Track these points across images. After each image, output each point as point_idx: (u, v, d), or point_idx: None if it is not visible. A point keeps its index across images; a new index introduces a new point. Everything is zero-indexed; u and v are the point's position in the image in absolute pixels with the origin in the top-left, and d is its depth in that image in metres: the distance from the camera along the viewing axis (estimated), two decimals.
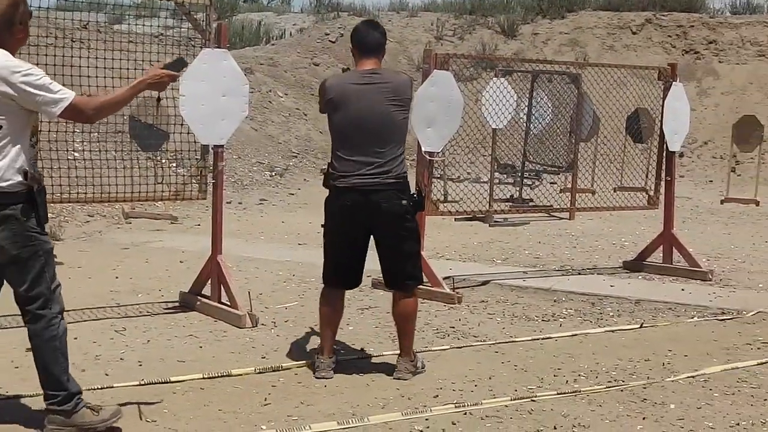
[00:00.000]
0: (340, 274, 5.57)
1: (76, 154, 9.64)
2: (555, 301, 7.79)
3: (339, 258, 5.52)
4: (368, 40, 5.49)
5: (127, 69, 7.21)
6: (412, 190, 5.51)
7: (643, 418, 4.86)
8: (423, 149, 7.63)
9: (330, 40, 21.44)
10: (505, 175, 15.73)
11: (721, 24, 21.23)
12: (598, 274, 9.03)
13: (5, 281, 4.44)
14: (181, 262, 8.95)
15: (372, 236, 5.46)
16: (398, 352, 5.58)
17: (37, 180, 4.36)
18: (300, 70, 20.02)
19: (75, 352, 5.78)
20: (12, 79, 4.16)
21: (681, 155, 17.99)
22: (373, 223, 5.38)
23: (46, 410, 4.38)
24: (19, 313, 4.37)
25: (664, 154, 9.19)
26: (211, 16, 7.12)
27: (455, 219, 11.81)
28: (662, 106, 9.07)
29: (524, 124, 14.53)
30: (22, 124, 4.29)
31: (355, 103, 5.32)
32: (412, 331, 5.56)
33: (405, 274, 5.48)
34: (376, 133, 5.30)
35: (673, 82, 9.04)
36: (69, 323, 6.44)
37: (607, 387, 5.36)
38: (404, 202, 5.37)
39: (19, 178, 4.26)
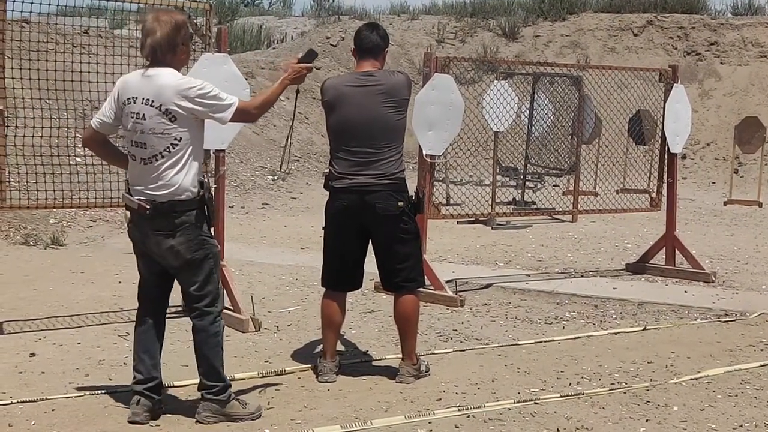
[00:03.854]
0: (339, 275, 5.57)
1: (78, 159, 9.65)
2: (558, 303, 7.79)
3: (337, 259, 5.53)
4: (365, 41, 5.51)
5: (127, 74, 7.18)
6: (411, 192, 5.51)
7: (646, 420, 4.86)
8: (424, 152, 7.64)
9: (331, 44, 21.45)
10: (507, 178, 15.73)
11: (722, 25, 21.21)
12: (600, 276, 9.03)
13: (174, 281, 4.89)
14: None
15: (369, 237, 5.46)
16: (401, 355, 5.58)
17: (208, 188, 4.75)
18: None
19: (78, 356, 5.83)
20: (190, 94, 4.54)
21: (683, 157, 18.00)
22: (369, 224, 5.38)
23: (201, 398, 4.73)
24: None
25: (666, 156, 9.19)
26: (211, 20, 7.13)
27: (457, 222, 11.81)
28: (663, 108, 9.07)
29: (526, 127, 14.52)
30: (198, 136, 4.65)
31: (349, 106, 5.34)
32: (413, 333, 5.55)
33: (400, 276, 5.47)
34: (370, 134, 5.32)
35: (674, 84, 9.04)
36: (72, 328, 6.51)
37: (610, 389, 5.36)
38: (400, 203, 5.37)
39: (196, 187, 4.62)
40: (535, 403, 5.08)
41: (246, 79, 6.90)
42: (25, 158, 7.87)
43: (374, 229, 5.42)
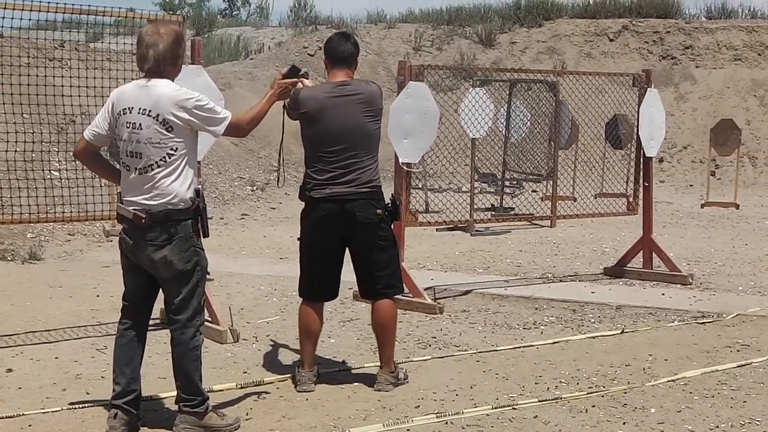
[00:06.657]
0: (317, 286, 5.57)
1: (54, 173, 9.62)
2: (536, 308, 7.82)
3: (315, 269, 5.53)
4: (339, 50, 5.53)
5: (103, 87, 7.18)
6: (387, 199, 5.53)
7: (624, 423, 4.89)
8: (400, 161, 7.65)
9: (308, 53, 21.47)
10: (485, 185, 15.76)
11: (697, 29, 21.39)
12: (579, 280, 9.06)
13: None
14: None
15: (347, 246, 5.47)
16: (379, 363, 5.59)
17: (203, 198, 4.74)
18: None
19: (56, 371, 5.80)
20: (188, 105, 4.57)
21: (660, 160, 18.14)
22: (349, 233, 5.40)
23: (179, 410, 4.73)
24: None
25: (642, 160, 9.24)
26: (184, 32, 7.12)
27: (437, 229, 11.83)
28: (638, 112, 9.13)
29: (503, 134, 14.57)
30: (193, 146, 4.68)
31: (330, 116, 5.35)
32: (391, 341, 5.56)
33: (380, 284, 5.49)
34: (351, 144, 5.34)
35: (648, 88, 9.10)
36: (49, 342, 6.48)
37: (588, 393, 5.38)
38: (379, 211, 5.40)
39: (191, 196, 4.63)
40: (514, 408, 5.10)
41: (223, 90, 6.90)
42: (1, 173, 7.84)
43: (353, 238, 5.43)
